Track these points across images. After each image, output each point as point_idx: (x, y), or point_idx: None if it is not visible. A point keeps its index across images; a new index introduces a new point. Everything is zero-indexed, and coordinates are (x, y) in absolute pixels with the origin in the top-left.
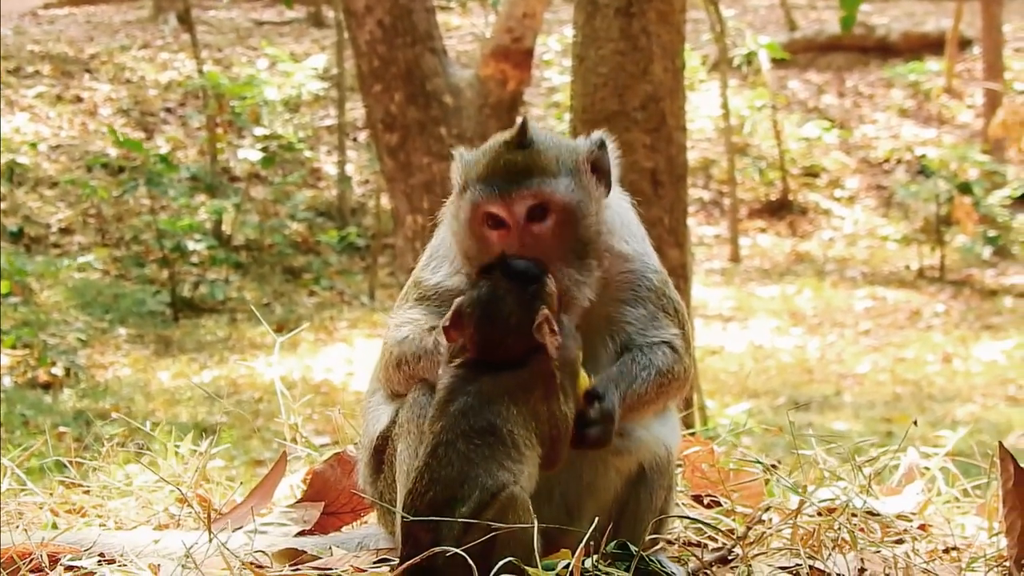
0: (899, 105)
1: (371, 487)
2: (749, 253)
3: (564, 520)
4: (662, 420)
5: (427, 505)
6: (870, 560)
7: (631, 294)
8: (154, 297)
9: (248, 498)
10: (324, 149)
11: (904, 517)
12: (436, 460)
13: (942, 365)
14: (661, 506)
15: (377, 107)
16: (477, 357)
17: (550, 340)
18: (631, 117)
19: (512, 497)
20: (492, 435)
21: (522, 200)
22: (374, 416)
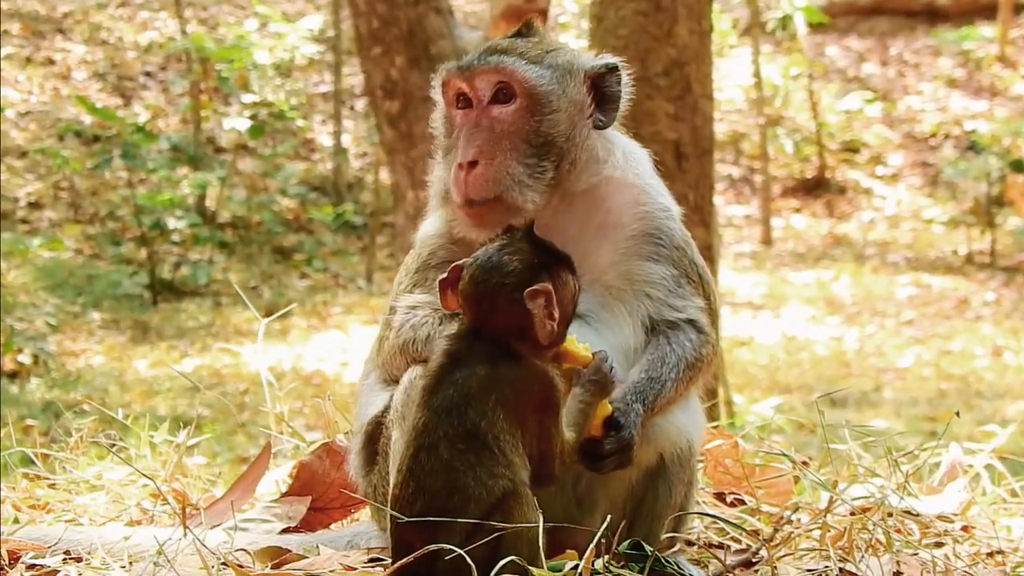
0: (947, 75)
1: (363, 479)
2: (782, 235)
3: (575, 512)
4: (684, 408)
5: (416, 515)
6: (906, 563)
7: (652, 249)
8: (131, 279)
9: (228, 492)
10: (318, 118)
11: (945, 518)
12: (419, 466)
13: (992, 359)
14: (680, 503)
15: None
16: (471, 321)
17: (540, 317)
18: (653, 83)
19: (516, 496)
20: (476, 440)
21: (484, 75)
22: (368, 400)
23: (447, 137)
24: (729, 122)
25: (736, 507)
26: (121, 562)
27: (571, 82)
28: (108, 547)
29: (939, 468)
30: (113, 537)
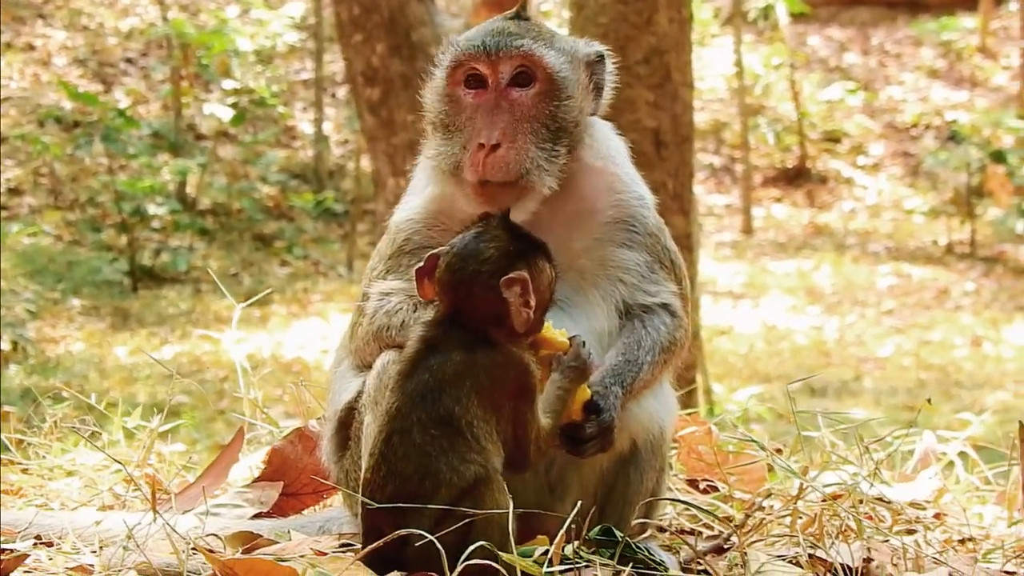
0: (929, 65)
1: (335, 464)
2: (763, 225)
3: (546, 498)
4: (655, 394)
5: (387, 501)
6: (877, 550)
7: (626, 236)
8: (111, 265)
9: (200, 478)
10: (300, 105)
11: (917, 505)
12: (391, 450)
13: (971, 349)
14: (652, 489)
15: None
16: (447, 308)
17: (516, 305)
18: (633, 71)
19: (486, 481)
20: (449, 426)
21: (509, 59)
22: (340, 387)
23: (450, 116)
24: (711, 111)
25: (709, 494)
26: (92, 547)
27: (578, 69)
28: (79, 532)
29: (913, 456)
30: (84, 522)
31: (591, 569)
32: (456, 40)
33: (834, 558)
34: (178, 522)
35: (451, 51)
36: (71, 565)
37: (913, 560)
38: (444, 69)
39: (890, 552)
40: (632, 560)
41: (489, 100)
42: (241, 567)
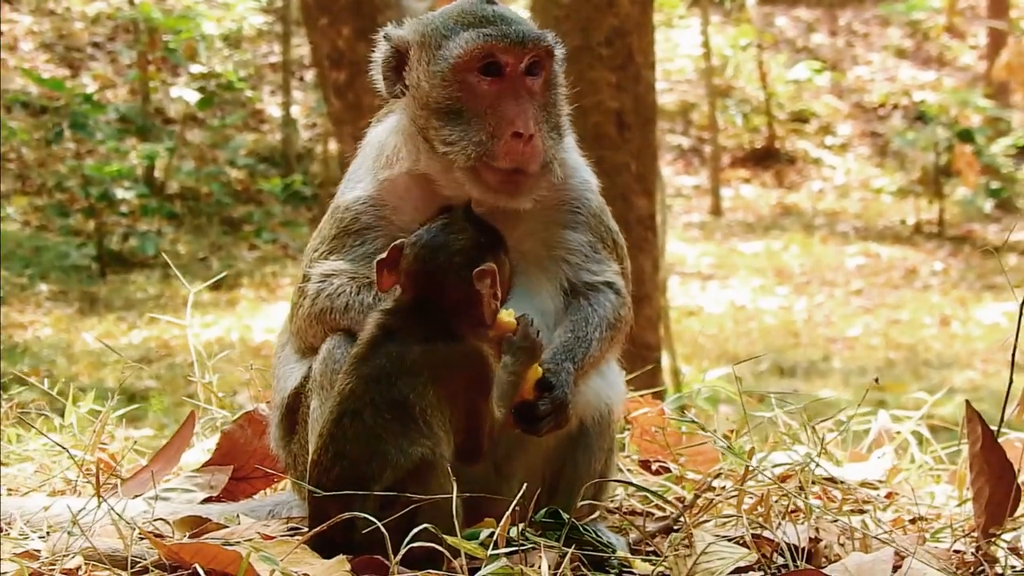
0: (896, 45)
1: (283, 450)
2: (731, 205)
3: (493, 481)
4: (602, 375)
5: (334, 482)
6: (825, 529)
7: (570, 217)
8: (79, 250)
9: (151, 462)
10: (267, 89)
11: (869, 485)
12: (341, 431)
13: (940, 328)
14: (600, 470)
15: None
16: (411, 295)
17: (488, 296)
18: (595, 53)
19: (431, 465)
20: (403, 411)
21: (533, 46)
22: (285, 372)
23: (463, 102)
24: (678, 92)
25: (661, 475)
26: (40, 532)
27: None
28: (27, 517)
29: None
30: (33, 507)
31: (537, 552)
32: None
33: (781, 538)
34: (128, 507)
35: (462, 38)
36: (19, 551)
37: (860, 540)
38: (456, 54)
39: (838, 532)
40: (579, 542)
41: (510, 89)
42: (187, 551)
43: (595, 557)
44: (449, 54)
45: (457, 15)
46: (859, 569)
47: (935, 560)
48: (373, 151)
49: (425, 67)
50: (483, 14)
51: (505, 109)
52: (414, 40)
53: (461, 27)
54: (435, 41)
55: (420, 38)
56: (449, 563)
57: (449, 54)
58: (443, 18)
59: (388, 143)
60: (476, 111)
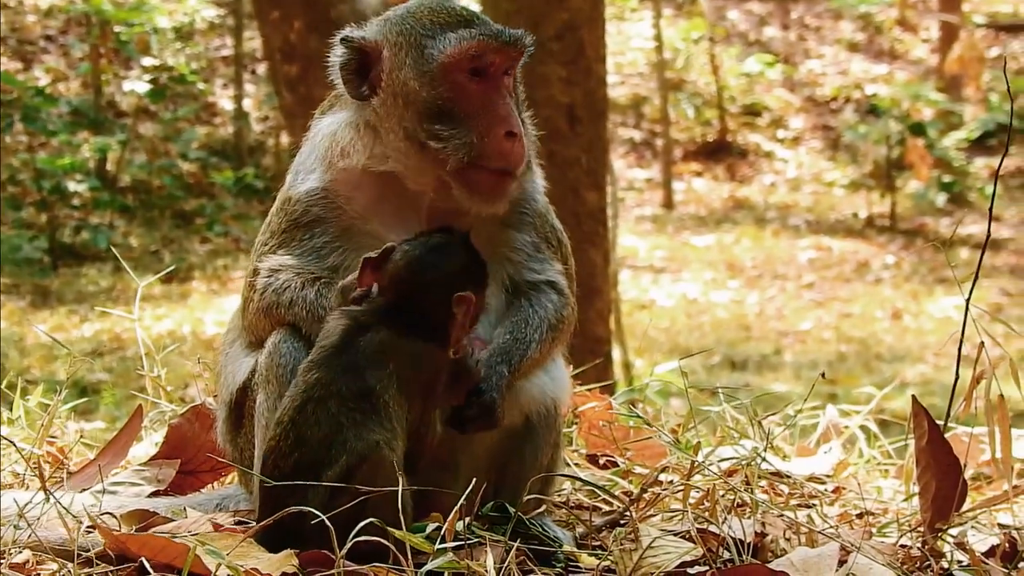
0: (848, 39)
1: (230, 444)
2: (683, 199)
3: (438, 476)
4: (548, 370)
5: (292, 467)
6: (772, 524)
7: (516, 217)
8: (31, 243)
9: (99, 456)
10: (219, 82)
11: (817, 479)
12: (303, 418)
13: (891, 322)
14: (547, 465)
15: (275, 36)
16: (390, 299)
17: (461, 322)
18: (546, 48)
19: (381, 459)
20: (367, 401)
21: (522, 47)
22: (233, 368)
23: (453, 102)
24: (630, 85)
25: (609, 469)
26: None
27: None
28: None
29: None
30: None
31: (483, 546)
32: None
33: (726, 532)
34: (75, 501)
35: (451, 38)
36: None
37: (807, 534)
38: (449, 54)
39: (784, 526)
40: (525, 536)
41: (495, 88)
42: (133, 543)
43: (541, 551)
44: (439, 53)
45: (430, 14)
46: (804, 564)
47: (881, 555)
48: (325, 142)
49: (411, 67)
50: (459, 13)
51: (495, 109)
52: (389, 41)
53: (444, 27)
54: (418, 41)
55: (398, 38)
56: (395, 557)
57: (439, 53)
58: (416, 18)
59: (341, 136)
60: (467, 111)
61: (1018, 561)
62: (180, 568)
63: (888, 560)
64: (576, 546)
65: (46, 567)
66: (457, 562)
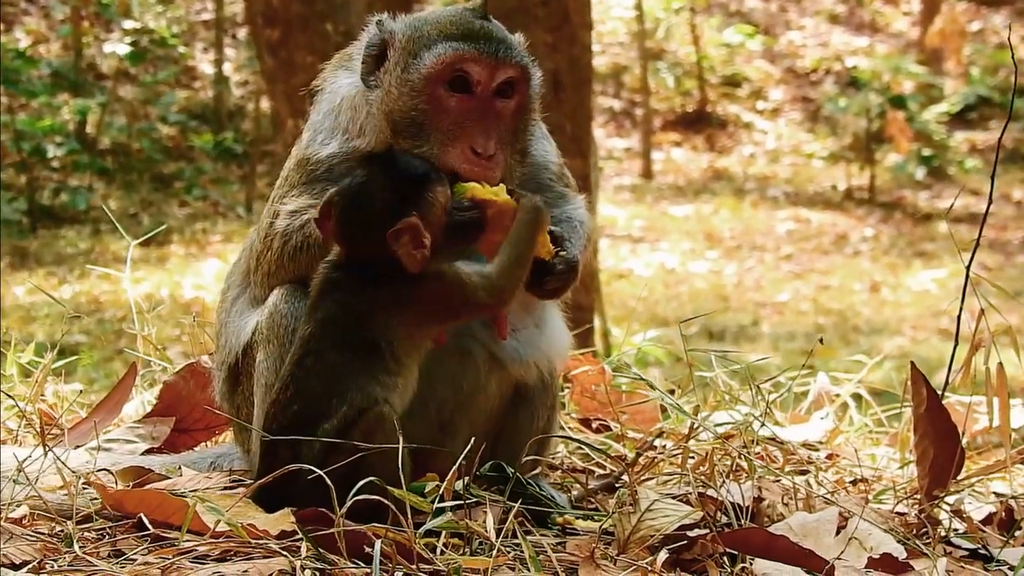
0: (829, 10)
1: (227, 402)
2: (662, 168)
3: (437, 436)
4: (546, 331)
5: (290, 419)
6: (768, 489)
7: (534, 184)
8: (10, 205)
9: (92, 413)
10: (200, 46)
11: (810, 446)
12: (303, 371)
13: (869, 294)
14: (543, 427)
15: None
16: (345, 253)
17: (406, 252)
18: (531, 14)
19: (380, 416)
20: (369, 348)
21: (507, 68)
22: (236, 326)
23: (427, 116)
24: (611, 55)
25: (602, 433)
26: None
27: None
28: None
29: (807, 398)
30: None
31: (481, 506)
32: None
33: (724, 497)
34: (70, 457)
35: (438, 49)
36: None
37: (804, 500)
38: (428, 65)
39: (781, 492)
40: (523, 497)
41: (477, 107)
42: (130, 500)
43: (538, 513)
44: (421, 64)
45: (444, 24)
46: (803, 528)
47: (880, 521)
48: (346, 111)
49: (399, 74)
50: (468, 27)
51: (468, 126)
52: (399, 40)
53: (442, 39)
54: (414, 50)
55: (404, 41)
56: (394, 516)
57: (421, 64)
58: (431, 25)
59: (359, 107)
60: (438, 125)
61: (1015, 529)
62: (176, 524)
63: (888, 526)
64: (572, 508)
65: (42, 523)
66: (456, 522)
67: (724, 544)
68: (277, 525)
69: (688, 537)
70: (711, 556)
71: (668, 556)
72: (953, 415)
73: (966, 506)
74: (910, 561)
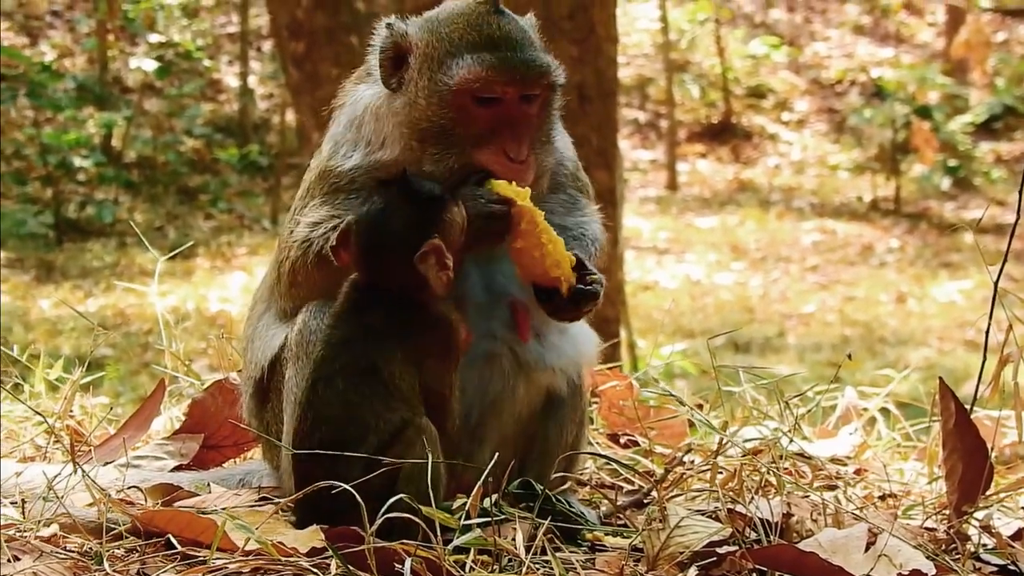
0: (854, 21)
1: (256, 419)
2: (687, 180)
3: (466, 443)
4: (574, 341)
5: (316, 446)
6: (797, 505)
7: (551, 182)
8: (36, 218)
9: (121, 429)
10: (225, 59)
11: (839, 461)
12: (316, 397)
13: (895, 305)
14: (572, 442)
15: (282, 12)
16: (363, 274)
17: (434, 274)
18: (558, 26)
19: (418, 430)
20: (372, 376)
21: (536, 80)
22: (263, 341)
23: (456, 124)
24: (636, 67)
25: (629, 448)
26: (12, 498)
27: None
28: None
29: (835, 412)
30: (4, 474)
31: (510, 522)
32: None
33: (754, 513)
34: (99, 474)
35: (464, 63)
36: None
37: (833, 515)
38: (456, 81)
39: (810, 507)
40: (553, 513)
41: (506, 115)
42: (161, 518)
43: (567, 529)
44: (450, 79)
45: (464, 28)
46: (833, 545)
47: (909, 536)
48: (369, 121)
49: (425, 83)
50: (490, 33)
51: (499, 134)
52: (418, 45)
53: (466, 48)
54: (439, 58)
55: (425, 48)
56: (424, 533)
57: (450, 79)
58: (449, 28)
59: (381, 116)
60: (466, 134)
61: None
62: (206, 543)
63: (917, 542)
64: (600, 524)
65: (73, 540)
66: (485, 539)
67: (753, 561)
68: (307, 542)
69: (717, 554)
70: (740, 573)
71: (697, 573)
72: (982, 430)
73: (995, 521)
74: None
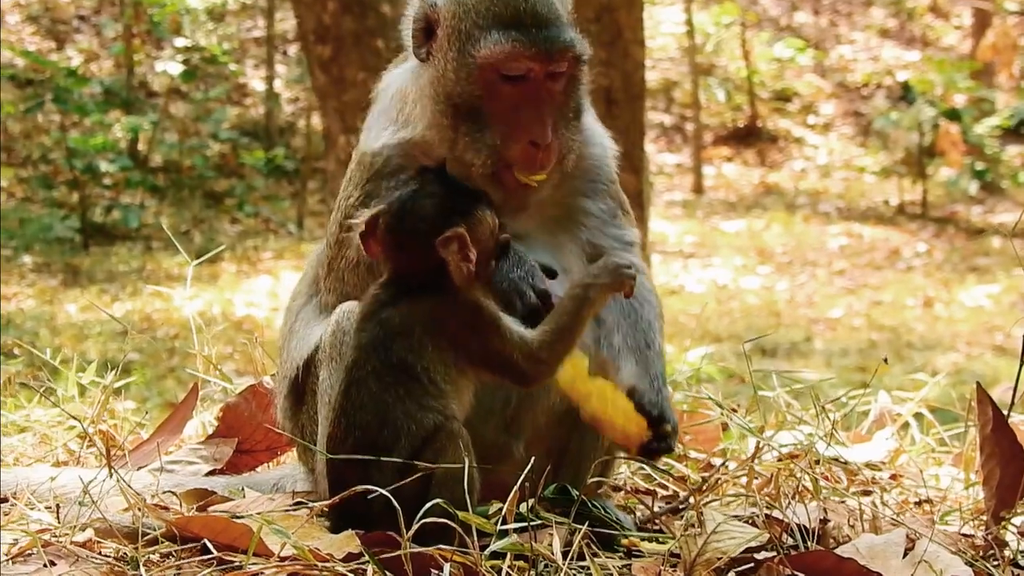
0: (880, 24)
1: (290, 421)
2: (713, 184)
3: (503, 436)
4: None
5: (349, 453)
6: (834, 510)
7: (588, 186)
8: (63, 222)
9: (155, 434)
10: (251, 63)
11: (874, 466)
12: (350, 402)
13: (923, 310)
14: (607, 446)
15: (308, 16)
16: (391, 270)
17: (455, 261)
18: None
19: (450, 435)
20: (404, 373)
21: (563, 58)
22: (300, 341)
23: (484, 102)
24: (661, 70)
25: None
26: (47, 503)
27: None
28: (34, 488)
29: (868, 417)
30: (39, 478)
31: (547, 528)
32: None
33: (791, 518)
34: (132, 478)
35: (491, 39)
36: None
37: (870, 520)
38: (483, 56)
39: (847, 513)
40: (589, 518)
41: (533, 93)
42: (196, 524)
43: (603, 535)
44: (477, 54)
45: (491, 0)
46: (871, 551)
47: (947, 542)
48: (395, 102)
49: (453, 57)
50: (516, 6)
51: (525, 115)
52: (447, 18)
53: (494, 23)
54: (466, 31)
55: (453, 20)
56: (460, 538)
57: (477, 54)
58: (476, 4)
59: (408, 95)
60: (495, 113)
61: None
62: (241, 548)
63: (955, 548)
64: (637, 530)
65: (108, 545)
66: (522, 545)
67: (791, 567)
68: (343, 547)
69: (755, 560)
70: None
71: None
72: (1019, 435)
73: None
74: None
